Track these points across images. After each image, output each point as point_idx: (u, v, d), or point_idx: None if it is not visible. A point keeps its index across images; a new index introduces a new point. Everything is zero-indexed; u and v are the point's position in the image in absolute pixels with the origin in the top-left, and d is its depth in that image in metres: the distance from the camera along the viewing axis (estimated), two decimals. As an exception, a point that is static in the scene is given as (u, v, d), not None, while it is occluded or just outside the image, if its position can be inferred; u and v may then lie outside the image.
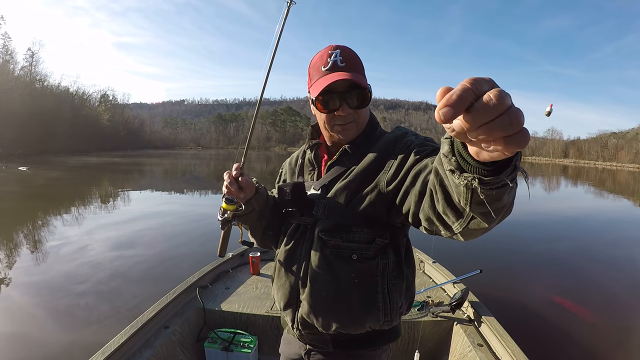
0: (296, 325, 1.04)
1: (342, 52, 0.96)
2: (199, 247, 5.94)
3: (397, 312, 0.99)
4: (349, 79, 0.91)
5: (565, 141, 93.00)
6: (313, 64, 1.00)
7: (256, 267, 2.90)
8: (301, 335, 1.06)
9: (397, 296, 0.98)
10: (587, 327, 3.67)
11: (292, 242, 1.05)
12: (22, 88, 49.77)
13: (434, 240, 0.89)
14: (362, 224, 0.94)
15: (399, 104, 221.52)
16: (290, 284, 1.04)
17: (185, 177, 21.66)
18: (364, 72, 1.00)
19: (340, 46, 0.97)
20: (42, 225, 7.50)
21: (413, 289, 1.06)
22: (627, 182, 27.80)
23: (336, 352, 1.03)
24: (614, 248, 7.09)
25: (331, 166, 1.03)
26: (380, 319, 0.96)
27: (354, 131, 1.01)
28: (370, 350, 1.03)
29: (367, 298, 0.95)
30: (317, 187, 1.03)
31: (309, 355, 1.08)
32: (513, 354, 1.75)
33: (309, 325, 1.01)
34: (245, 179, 1.04)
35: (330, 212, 0.97)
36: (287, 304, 1.05)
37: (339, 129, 0.99)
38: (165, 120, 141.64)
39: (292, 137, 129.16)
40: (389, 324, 0.98)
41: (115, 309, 3.68)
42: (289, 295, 1.04)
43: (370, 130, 1.05)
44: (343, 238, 0.96)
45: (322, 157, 1.10)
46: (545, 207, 12.91)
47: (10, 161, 26.76)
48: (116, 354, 1.66)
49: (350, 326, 0.97)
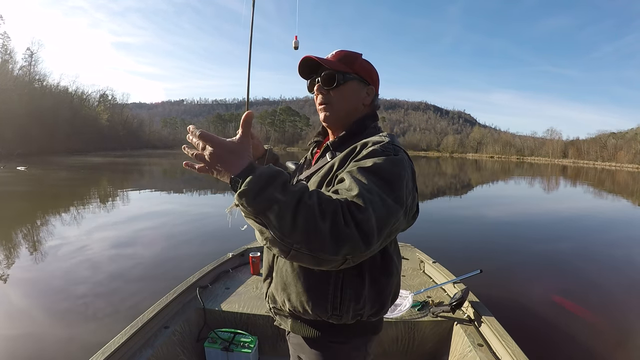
0: (267, 298, 1.13)
1: (339, 51, 1.09)
2: (198, 247, 5.94)
3: (348, 311, 0.97)
4: (311, 57, 1.03)
5: (564, 141, 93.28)
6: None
7: (256, 267, 2.90)
8: (269, 308, 1.14)
9: (351, 294, 0.96)
10: (587, 327, 3.68)
11: None
12: (21, 88, 49.65)
13: (435, 240, 0.89)
14: None
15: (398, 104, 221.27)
16: (268, 260, 1.12)
17: (184, 177, 21.64)
18: (355, 66, 1.08)
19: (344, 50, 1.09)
20: (40, 225, 7.49)
21: (386, 296, 1.03)
22: (626, 183, 27.87)
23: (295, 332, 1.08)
24: (614, 248, 7.11)
25: (318, 159, 1.13)
26: (328, 311, 0.96)
27: (330, 116, 1.09)
28: (329, 340, 1.04)
29: (317, 286, 0.97)
30: (304, 177, 1.11)
31: (288, 335, 1.16)
32: (513, 354, 1.75)
33: (274, 299, 1.09)
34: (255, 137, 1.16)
35: None
36: (265, 277, 1.14)
37: (319, 110, 1.10)
38: (165, 120, 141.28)
39: (291, 137, 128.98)
40: (337, 319, 0.98)
41: (114, 308, 3.68)
42: (267, 270, 1.13)
43: (357, 130, 1.08)
44: None
45: (316, 152, 1.18)
46: (545, 207, 12.95)
47: (9, 161, 26.70)
48: (116, 354, 1.66)
49: (299, 307, 0.99)
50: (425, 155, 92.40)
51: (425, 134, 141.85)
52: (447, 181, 23.57)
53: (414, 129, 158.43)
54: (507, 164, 61.37)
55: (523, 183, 24.36)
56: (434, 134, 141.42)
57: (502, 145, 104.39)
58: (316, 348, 1.06)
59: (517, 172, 35.77)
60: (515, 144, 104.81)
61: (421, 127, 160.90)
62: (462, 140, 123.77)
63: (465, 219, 9.70)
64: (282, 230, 0.65)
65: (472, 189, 19.72)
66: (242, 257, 3.10)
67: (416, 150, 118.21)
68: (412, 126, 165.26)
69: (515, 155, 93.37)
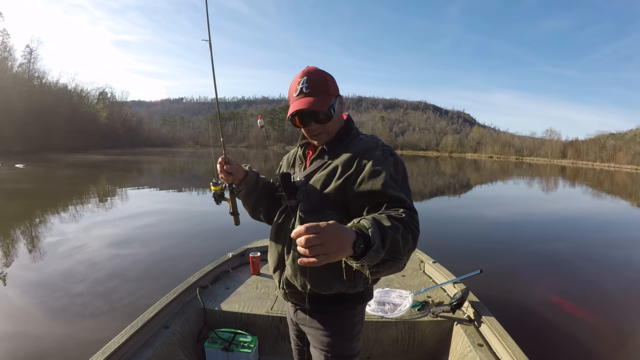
0: (282, 285, 1.28)
1: (308, 79, 1.17)
2: (197, 245, 5.94)
3: (360, 280, 1.18)
4: (306, 108, 1.15)
5: (563, 142, 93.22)
6: (290, 89, 1.22)
7: (256, 267, 2.90)
8: (285, 294, 1.31)
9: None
10: (587, 327, 3.69)
11: (281, 219, 1.30)
12: (20, 85, 49.51)
13: (435, 240, 0.93)
14: (333, 208, 1.15)
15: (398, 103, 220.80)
16: (278, 252, 1.29)
17: (183, 175, 21.63)
18: (330, 90, 1.19)
19: (310, 71, 1.18)
20: (39, 223, 7.47)
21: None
22: (625, 183, 27.92)
23: (312, 308, 1.25)
24: (613, 249, 7.13)
25: (313, 160, 1.28)
26: (345, 284, 1.16)
27: (326, 138, 1.25)
28: (341, 307, 1.25)
29: (333, 265, 1.05)
30: (302, 176, 1.27)
31: (296, 312, 1.35)
32: (513, 354, 1.75)
33: (291, 285, 1.25)
34: (233, 167, 1.29)
35: (309, 196, 1.20)
36: (275, 267, 1.30)
37: (314, 138, 1.25)
38: (164, 118, 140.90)
39: (291, 136, 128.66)
40: (353, 289, 1.19)
41: (112, 307, 3.68)
42: (277, 260, 1.29)
43: (345, 132, 1.27)
44: (317, 218, 1.02)
45: (308, 154, 1.33)
46: (545, 207, 12.98)
47: (8, 159, 26.65)
48: (116, 353, 1.66)
49: (320, 287, 1.18)
50: (424, 155, 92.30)
51: (425, 134, 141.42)
52: (446, 181, 23.58)
53: (413, 128, 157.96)
54: (506, 164, 61.41)
55: (522, 183, 24.38)
56: (433, 134, 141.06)
57: (501, 146, 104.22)
58: (332, 316, 1.26)
59: (516, 172, 35.82)
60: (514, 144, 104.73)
61: (420, 127, 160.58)
62: (461, 140, 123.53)
63: (465, 219, 9.72)
64: (401, 258, 0.89)
65: (471, 188, 19.74)
66: (242, 257, 3.10)
67: (415, 150, 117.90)
68: (412, 126, 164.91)
69: (514, 155, 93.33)
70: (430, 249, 3.32)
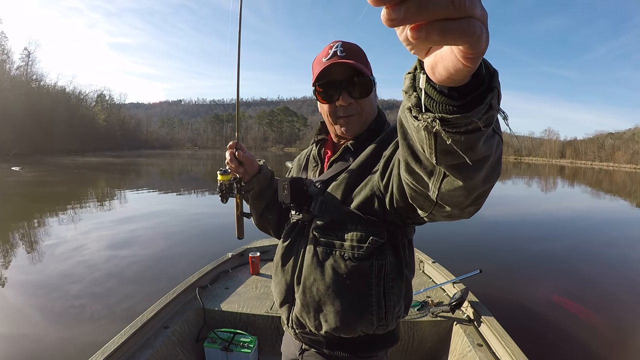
0: (291, 323, 1.01)
1: (343, 44, 0.92)
2: (195, 247, 5.93)
3: (393, 316, 0.92)
4: (346, 62, 0.88)
5: (562, 141, 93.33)
6: (316, 59, 0.97)
7: (256, 267, 2.89)
8: (296, 334, 1.02)
9: (395, 299, 0.91)
10: (587, 327, 3.68)
11: (289, 239, 1.02)
12: (18, 88, 49.53)
13: (434, 240, 0.90)
14: (357, 222, 0.88)
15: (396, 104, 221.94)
16: (286, 282, 1.00)
17: (182, 177, 21.59)
18: (367, 63, 0.95)
19: (344, 41, 0.94)
20: (37, 226, 7.44)
21: (411, 290, 1.01)
22: (623, 183, 27.97)
23: (329, 354, 0.97)
24: (612, 248, 7.13)
25: (333, 162, 1.00)
26: (374, 323, 0.90)
27: (358, 125, 0.95)
28: (365, 355, 0.97)
29: (359, 300, 0.89)
30: (318, 183, 0.98)
31: (302, 354, 1.04)
32: (513, 353, 1.75)
33: (302, 324, 0.97)
34: (245, 155, 1.07)
35: (325, 209, 0.93)
36: (282, 301, 1.02)
37: (342, 122, 0.95)
38: (162, 120, 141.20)
39: (289, 138, 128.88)
40: (384, 329, 0.92)
41: (110, 308, 3.67)
42: (284, 293, 1.00)
43: (377, 127, 0.98)
44: (336, 236, 0.90)
45: (326, 154, 1.07)
46: (544, 207, 12.99)
47: (5, 161, 26.60)
48: (116, 353, 1.65)
49: (341, 329, 0.90)
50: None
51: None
52: (445, 181, 23.53)
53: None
54: (505, 164, 61.45)
55: (521, 183, 24.42)
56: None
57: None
58: None
59: (515, 172, 35.84)
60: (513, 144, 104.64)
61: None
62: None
63: (464, 219, 9.70)
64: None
65: (470, 189, 19.70)
66: (241, 257, 3.10)
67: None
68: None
69: (513, 155, 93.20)
70: (429, 249, 3.32)
